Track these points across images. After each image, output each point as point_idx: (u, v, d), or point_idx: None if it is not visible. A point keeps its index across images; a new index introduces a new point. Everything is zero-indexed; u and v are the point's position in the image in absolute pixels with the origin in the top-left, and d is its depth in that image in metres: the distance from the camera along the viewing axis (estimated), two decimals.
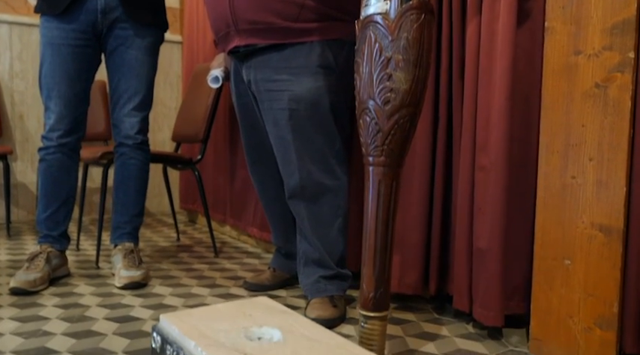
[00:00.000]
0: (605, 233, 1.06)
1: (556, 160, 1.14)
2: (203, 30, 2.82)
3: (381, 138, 0.78)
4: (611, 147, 1.05)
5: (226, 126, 2.50)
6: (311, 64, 1.36)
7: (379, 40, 0.76)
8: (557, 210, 1.14)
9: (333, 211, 1.43)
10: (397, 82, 0.76)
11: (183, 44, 3.26)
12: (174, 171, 3.30)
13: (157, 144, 3.36)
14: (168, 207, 3.27)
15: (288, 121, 1.38)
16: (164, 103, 3.38)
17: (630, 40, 1.01)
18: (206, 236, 2.62)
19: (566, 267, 1.13)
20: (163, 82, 3.37)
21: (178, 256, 2.14)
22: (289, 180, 1.43)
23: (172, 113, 3.42)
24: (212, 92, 2.14)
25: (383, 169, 0.80)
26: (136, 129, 1.73)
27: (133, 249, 1.75)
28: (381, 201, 0.80)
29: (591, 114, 1.08)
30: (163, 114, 3.38)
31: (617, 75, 1.03)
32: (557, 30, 1.13)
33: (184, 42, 3.21)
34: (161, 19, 1.79)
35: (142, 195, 1.80)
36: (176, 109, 3.42)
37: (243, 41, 1.39)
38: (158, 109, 3.36)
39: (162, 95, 3.37)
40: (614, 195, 1.05)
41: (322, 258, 1.43)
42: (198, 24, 2.90)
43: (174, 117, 3.43)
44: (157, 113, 3.35)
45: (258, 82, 1.43)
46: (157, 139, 3.37)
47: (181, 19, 3.36)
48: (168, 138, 3.37)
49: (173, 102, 3.40)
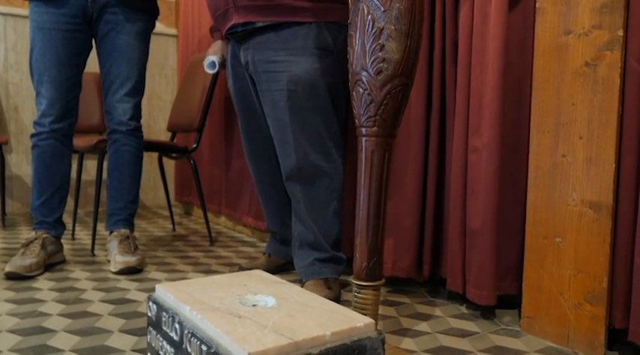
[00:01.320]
0: (595, 209, 1.08)
1: (547, 139, 1.16)
2: (198, 23, 2.83)
3: (374, 108, 0.79)
4: (600, 124, 1.06)
5: (222, 116, 2.51)
6: (309, 46, 1.38)
7: (372, 11, 0.77)
8: (548, 189, 1.16)
9: (328, 193, 1.44)
10: (389, 52, 0.77)
11: (179, 37, 3.26)
12: (170, 164, 3.31)
13: (153, 137, 3.36)
14: (163, 200, 3.27)
15: (287, 102, 1.39)
16: (159, 96, 3.38)
17: (619, 18, 1.03)
18: (201, 226, 2.62)
19: (557, 245, 1.15)
20: (159, 74, 3.37)
21: (174, 244, 2.14)
22: (286, 162, 1.44)
23: (168, 106, 3.42)
24: (207, 81, 2.15)
25: (376, 139, 0.81)
26: (129, 115, 1.74)
27: (128, 235, 1.75)
28: (374, 171, 0.81)
29: (581, 93, 1.09)
30: (159, 107, 3.38)
31: (606, 53, 1.05)
32: (547, 10, 1.15)
33: (180, 35, 3.22)
34: (152, 5, 1.79)
35: (136, 181, 1.81)
36: (172, 102, 3.42)
37: (242, 18, 1.40)
38: (154, 102, 3.36)
39: (157, 88, 3.37)
40: (603, 172, 1.06)
41: (317, 240, 1.44)
42: (193, 17, 2.90)
43: (169, 109, 3.44)
44: (153, 106, 3.36)
45: (256, 63, 1.44)
46: (153, 131, 3.37)
47: (177, 12, 3.36)
48: (163, 131, 3.37)
49: (169, 95, 3.40)
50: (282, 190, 1.62)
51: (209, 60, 1.67)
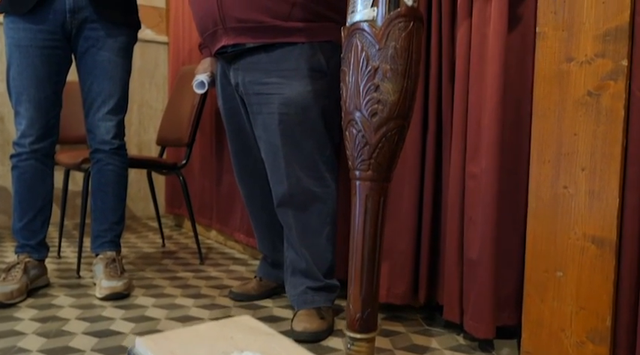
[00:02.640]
0: (598, 245, 1.03)
1: (547, 169, 1.12)
2: (189, 30, 2.77)
3: (369, 151, 0.74)
4: (603, 156, 1.02)
5: (212, 129, 2.46)
6: (302, 67, 1.32)
7: (366, 48, 0.72)
8: (549, 221, 1.11)
9: (321, 219, 1.39)
10: (385, 94, 0.72)
11: (170, 45, 3.20)
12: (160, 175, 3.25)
13: (144, 146, 3.30)
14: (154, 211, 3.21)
15: (278, 126, 1.34)
16: (150, 105, 3.32)
17: (623, 47, 0.98)
18: (192, 241, 2.57)
19: (558, 279, 1.11)
20: (149, 83, 3.31)
21: (162, 263, 2.09)
22: (277, 188, 1.39)
23: (158, 114, 3.35)
24: (197, 95, 2.09)
25: (370, 184, 0.76)
26: (112, 134, 1.68)
27: (114, 257, 1.70)
28: (368, 217, 0.76)
29: (584, 122, 1.05)
30: (149, 115, 3.32)
31: (610, 83, 1.00)
32: (548, 35, 1.10)
33: (170, 42, 3.16)
34: (133, 19, 1.73)
35: (122, 201, 1.75)
36: (162, 111, 3.35)
37: (232, 40, 1.35)
38: (144, 111, 3.30)
39: (148, 96, 3.31)
40: (606, 207, 1.02)
41: (310, 268, 1.39)
42: (184, 24, 2.85)
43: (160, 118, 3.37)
44: (143, 115, 3.30)
45: (246, 84, 1.39)
46: (143, 141, 3.31)
47: (167, 18, 3.30)
48: (154, 140, 3.31)
49: (159, 104, 3.34)
50: (274, 213, 1.57)
51: (198, 80, 1.61)
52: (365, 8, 0.73)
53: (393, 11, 0.73)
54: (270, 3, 1.28)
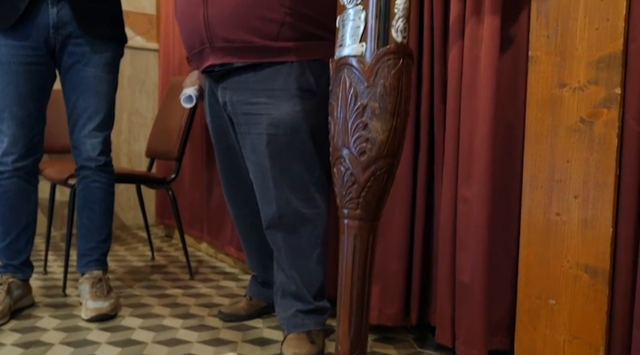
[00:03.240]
0: (591, 274, 1.02)
1: (540, 195, 1.10)
2: (179, 37, 2.73)
3: (357, 190, 0.72)
4: (597, 185, 1.00)
5: (203, 141, 2.43)
6: (290, 87, 1.30)
7: (354, 84, 0.70)
8: (542, 248, 1.10)
9: (311, 241, 1.37)
10: (373, 132, 0.70)
11: (160, 52, 3.17)
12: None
13: (134, 155, 3.26)
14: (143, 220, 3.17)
15: (267, 147, 1.31)
16: (140, 113, 3.28)
17: (617, 75, 0.97)
18: (182, 253, 2.52)
19: (550, 307, 1.09)
20: (139, 91, 3.27)
21: (151, 278, 2.06)
22: (266, 209, 1.36)
23: (149, 123, 3.31)
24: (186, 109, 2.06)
25: (359, 223, 0.74)
26: (98, 151, 1.64)
27: (101, 277, 1.66)
28: (356, 257, 0.74)
29: (577, 149, 1.03)
30: (139, 124, 3.28)
31: (603, 110, 0.99)
32: (541, 60, 1.09)
33: (161, 49, 3.12)
34: (119, 33, 1.70)
35: (108, 219, 1.72)
36: (153, 120, 3.31)
37: (219, 60, 1.32)
38: (134, 119, 3.26)
39: (138, 104, 3.27)
40: (600, 236, 1.00)
41: (300, 291, 1.37)
42: (174, 31, 2.81)
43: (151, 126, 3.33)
44: (133, 123, 3.26)
45: (234, 104, 1.36)
46: (133, 150, 3.27)
47: (158, 25, 3.26)
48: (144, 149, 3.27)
49: (150, 112, 3.30)
50: (263, 232, 1.55)
51: (185, 94, 1.58)
52: (353, 43, 0.71)
53: (382, 48, 0.71)
54: (259, 23, 1.25)
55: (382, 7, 0.71)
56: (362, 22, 0.71)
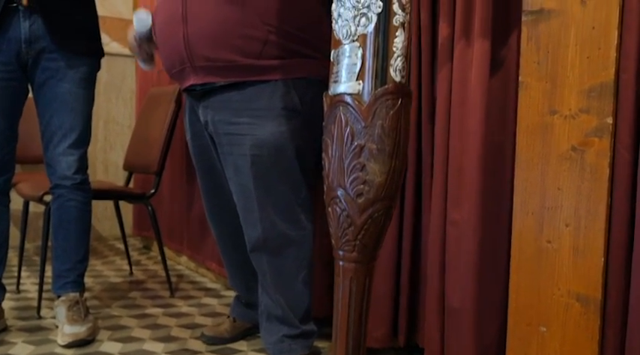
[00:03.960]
0: (583, 303, 1.01)
1: (531, 222, 1.09)
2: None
3: (353, 232, 0.70)
4: (588, 214, 1.00)
5: (183, 153, 2.37)
6: (274, 106, 1.27)
7: (350, 123, 0.68)
8: (533, 275, 1.09)
9: (297, 264, 1.34)
10: (371, 174, 0.68)
11: None
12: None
13: (110, 164, 3.18)
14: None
15: (251, 168, 1.28)
16: (117, 121, 3.20)
17: (608, 105, 0.96)
18: (161, 267, 2.45)
19: (541, 334, 1.08)
20: (116, 98, 3.19)
21: (130, 296, 1.99)
22: (250, 232, 1.33)
23: (126, 131, 3.24)
24: (167, 120, 2.00)
25: (355, 265, 0.72)
26: (74, 169, 1.58)
27: (77, 299, 1.60)
28: (352, 299, 0.72)
29: (568, 177, 1.03)
30: (116, 132, 3.20)
31: (594, 140, 0.98)
32: (531, 86, 1.08)
33: None
34: (96, 46, 1.64)
35: (85, 238, 1.65)
36: (130, 127, 3.24)
37: (200, 80, 1.28)
38: (110, 127, 3.18)
39: (114, 112, 3.19)
40: (591, 265, 1.00)
41: (286, 315, 1.34)
42: None
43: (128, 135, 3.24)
44: (109, 131, 3.17)
45: (216, 123, 1.32)
46: (110, 159, 3.19)
47: None
48: (120, 158, 3.18)
49: (127, 120, 3.22)
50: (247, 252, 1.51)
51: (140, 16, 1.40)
52: (349, 80, 0.69)
53: (380, 87, 0.68)
54: (241, 41, 1.21)
55: (380, 45, 0.68)
56: (359, 59, 0.68)
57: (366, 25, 0.67)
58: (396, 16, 0.69)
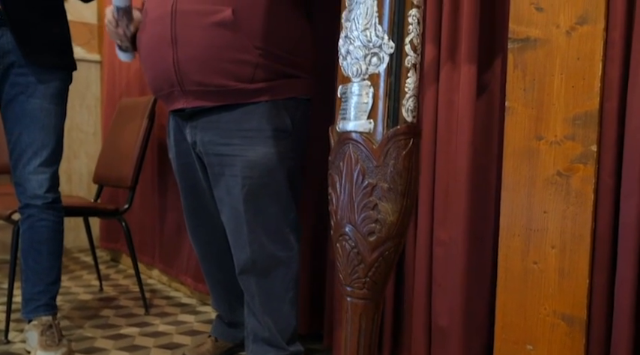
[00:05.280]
0: (568, 323, 1.05)
1: (517, 243, 1.12)
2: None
3: (364, 270, 0.70)
4: (574, 237, 1.04)
5: (154, 165, 2.31)
6: (265, 128, 1.26)
7: (361, 161, 0.68)
8: (519, 294, 1.12)
9: (285, 285, 1.33)
10: (383, 213, 0.68)
11: (103, 64, 2.99)
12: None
13: (74, 173, 3.06)
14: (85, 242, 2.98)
15: (241, 190, 1.26)
16: (81, 128, 3.09)
17: (593, 133, 1.00)
18: (132, 282, 2.40)
19: (528, 352, 1.12)
20: (80, 105, 3.07)
21: (103, 315, 1.93)
22: (240, 254, 1.31)
23: (90, 139, 3.13)
24: (141, 133, 1.95)
25: (364, 302, 0.72)
26: (46, 187, 1.51)
27: (51, 323, 1.53)
28: (362, 337, 0.72)
29: (553, 201, 1.06)
30: (80, 140, 3.09)
31: (579, 166, 1.02)
32: (517, 111, 1.11)
33: (104, 61, 2.95)
34: (68, 60, 1.58)
35: (58, 259, 1.59)
36: (94, 135, 3.14)
37: (190, 103, 1.26)
38: (74, 135, 3.06)
39: (78, 119, 3.07)
40: (576, 286, 1.04)
41: (273, 337, 1.33)
42: None
43: (92, 142, 3.15)
44: (73, 139, 3.06)
45: (205, 144, 1.30)
46: (73, 167, 3.07)
47: (100, 35, 3.08)
48: (85, 166, 3.09)
49: (91, 127, 3.12)
50: (231, 272, 1.49)
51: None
52: (359, 119, 0.69)
53: (392, 127, 0.69)
54: (232, 66, 1.20)
55: (393, 85, 0.68)
56: (370, 98, 0.68)
57: (378, 64, 0.68)
58: (408, 57, 0.69)
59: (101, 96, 3.08)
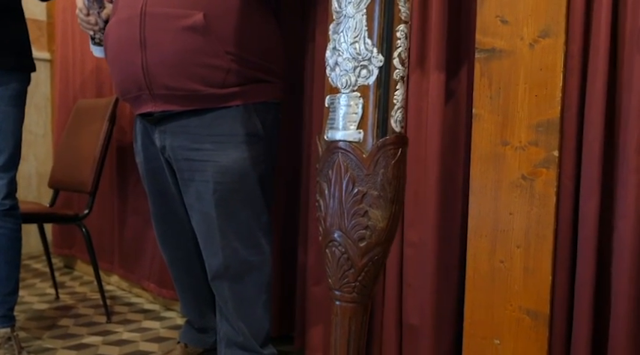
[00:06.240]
0: (532, 317, 1.12)
1: (484, 244, 1.18)
2: (80, 47, 2.49)
3: (354, 275, 0.72)
4: (537, 237, 1.10)
5: (113, 167, 2.25)
6: (237, 132, 1.26)
7: (351, 170, 0.70)
8: (487, 292, 1.18)
9: (258, 289, 1.34)
10: (373, 220, 0.70)
11: (54, 62, 2.87)
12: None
13: (22, 176, 2.90)
14: (35, 247, 2.85)
15: (213, 195, 1.25)
16: (29, 130, 2.95)
17: (555, 139, 1.07)
18: (89, 289, 2.32)
19: (495, 347, 1.18)
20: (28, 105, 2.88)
21: (62, 325, 1.86)
22: (212, 260, 1.30)
23: (39, 140, 3.00)
24: (101, 136, 1.89)
25: (354, 305, 0.74)
26: (3, 194, 1.46)
27: (9, 335, 1.47)
28: (351, 340, 0.74)
29: (518, 203, 1.12)
30: (29, 142, 2.95)
31: (542, 170, 1.09)
32: (484, 118, 1.17)
33: (56, 60, 2.83)
34: (27, 61, 1.52)
35: (16, 268, 1.53)
36: (44, 136, 3.01)
37: (159, 107, 1.24)
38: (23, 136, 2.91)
39: (27, 120, 2.86)
40: (540, 283, 1.10)
41: (247, 342, 1.33)
42: (74, 40, 2.55)
43: (42, 144, 3.02)
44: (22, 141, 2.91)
45: (175, 149, 1.28)
46: (22, 170, 2.88)
47: (49, 33, 2.96)
48: (34, 169, 2.96)
49: (40, 129, 2.99)
50: (200, 277, 1.48)
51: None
52: (348, 129, 0.71)
53: (381, 138, 0.71)
54: (203, 71, 1.19)
55: (382, 97, 0.71)
56: (359, 109, 0.70)
57: (367, 76, 0.70)
58: (397, 71, 0.72)
59: (52, 96, 2.96)
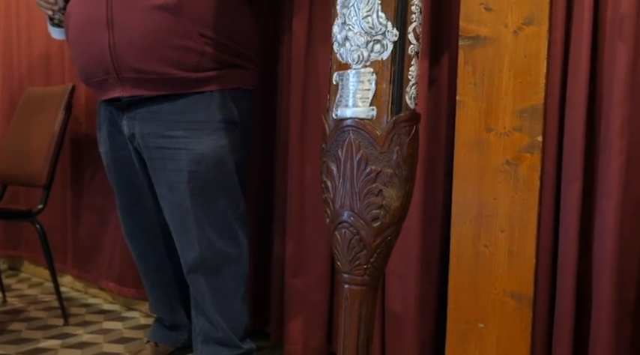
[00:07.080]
0: (517, 300, 1.14)
1: (468, 229, 1.19)
2: (26, 29, 2.31)
3: (365, 256, 0.70)
4: (521, 221, 1.12)
5: (66, 159, 2.11)
6: (213, 119, 1.20)
7: (363, 148, 0.67)
8: (471, 277, 1.19)
9: (235, 282, 1.29)
10: (388, 199, 0.68)
11: None
12: None
13: None
14: None
15: (187, 184, 1.19)
16: None
17: (538, 125, 1.10)
18: (39, 290, 2.17)
19: (479, 330, 1.19)
20: None
21: (13, 329, 1.72)
22: (187, 253, 1.24)
23: None
24: (56, 125, 1.76)
25: (364, 289, 0.72)
26: None
27: None
28: (362, 324, 0.72)
29: (503, 189, 1.14)
30: None
31: (526, 155, 1.11)
32: (468, 105, 1.18)
33: None
34: None
35: None
36: None
37: (128, 92, 1.16)
38: None
39: None
40: (524, 266, 1.13)
41: (226, 336, 1.28)
42: (19, 22, 2.36)
43: None
44: None
45: (145, 137, 1.21)
46: None
47: None
48: None
49: None
50: (170, 272, 1.42)
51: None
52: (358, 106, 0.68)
53: (395, 114, 0.69)
54: (175, 53, 1.13)
55: (397, 73, 0.69)
56: (372, 85, 0.68)
57: (381, 51, 0.68)
58: (412, 46, 0.70)
59: None
